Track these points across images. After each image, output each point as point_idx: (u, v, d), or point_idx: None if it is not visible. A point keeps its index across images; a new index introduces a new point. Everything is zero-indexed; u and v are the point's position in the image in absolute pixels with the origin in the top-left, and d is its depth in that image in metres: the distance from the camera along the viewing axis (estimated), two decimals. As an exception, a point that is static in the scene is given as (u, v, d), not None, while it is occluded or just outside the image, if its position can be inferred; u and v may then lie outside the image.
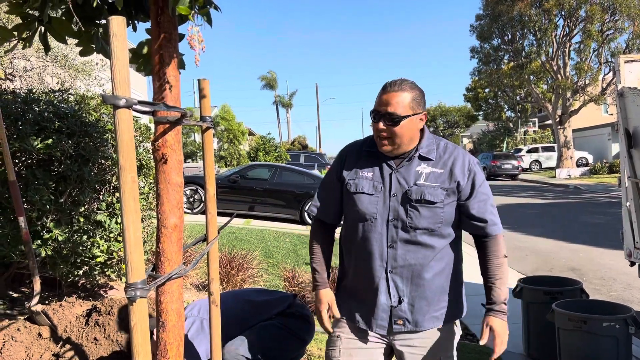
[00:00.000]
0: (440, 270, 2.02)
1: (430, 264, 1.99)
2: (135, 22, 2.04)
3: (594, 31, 24.61)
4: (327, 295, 2.12)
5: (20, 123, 3.57)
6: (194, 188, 11.63)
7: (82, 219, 3.71)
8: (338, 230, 2.20)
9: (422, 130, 2.04)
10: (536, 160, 33.28)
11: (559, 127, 27.77)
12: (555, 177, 27.10)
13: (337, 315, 2.11)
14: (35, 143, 3.45)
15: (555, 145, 30.46)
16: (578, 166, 29.27)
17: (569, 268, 7.69)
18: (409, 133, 1.96)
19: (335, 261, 2.26)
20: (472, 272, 3.01)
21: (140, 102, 1.28)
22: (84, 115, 3.90)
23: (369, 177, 2.02)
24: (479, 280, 2.12)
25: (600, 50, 25.65)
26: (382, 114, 1.94)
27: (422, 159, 2.02)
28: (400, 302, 1.98)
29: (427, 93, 2.10)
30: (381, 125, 1.94)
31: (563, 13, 25.58)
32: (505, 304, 2.03)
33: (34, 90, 4.03)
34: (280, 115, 54.43)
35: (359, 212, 2.01)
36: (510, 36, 27.72)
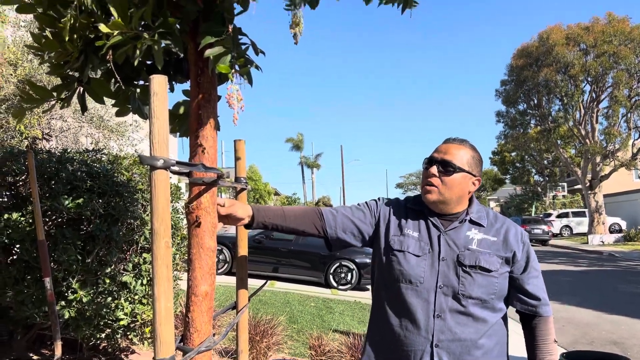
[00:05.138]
0: (490, 349, 1.82)
1: (481, 340, 1.79)
2: (173, 83, 2.03)
3: (621, 97, 24.47)
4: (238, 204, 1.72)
5: (53, 182, 3.59)
6: (219, 248, 11.54)
7: (107, 280, 3.64)
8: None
9: (471, 198, 1.92)
10: (567, 226, 32.44)
11: (590, 192, 27.18)
12: (587, 243, 26.28)
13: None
14: (67, 202, 3.44)
15: (586, 210, 29.72)
16: (611, 232, 28.37)
17: (610, 341, 7.23)
18: (459, 190, 1.85)
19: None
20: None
21: (179, 163, 1.22)
22: (116, 174, 3.91)
23: (415, 236, 1.85)
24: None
25: (629, 115, 25.44)
26: (437, 160, 1.84)
27: (473, 223, 1.88)
28: None
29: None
30: (433, 170, 1.83)
31: (589, 79, 25.61)
32: None
33: (68, 150, 4.08)
34: (305, 176, 54.80)
35: (404, 273, 1.80)
36: (536, 101, 27.74)
